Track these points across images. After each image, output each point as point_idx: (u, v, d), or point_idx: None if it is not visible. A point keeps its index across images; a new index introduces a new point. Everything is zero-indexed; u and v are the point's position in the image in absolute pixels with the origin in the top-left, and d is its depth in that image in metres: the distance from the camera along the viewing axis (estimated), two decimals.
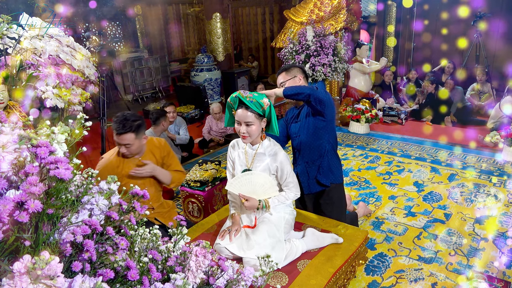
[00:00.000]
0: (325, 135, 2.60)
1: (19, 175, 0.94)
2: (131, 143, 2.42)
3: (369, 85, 6.86)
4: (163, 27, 10.52)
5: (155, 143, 2.66)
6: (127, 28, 9.62)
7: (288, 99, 2.57)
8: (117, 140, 2.41)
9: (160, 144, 2.68)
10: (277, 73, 2.75)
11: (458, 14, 7.51)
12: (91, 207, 1.02)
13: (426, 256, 2.90)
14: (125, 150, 2.45)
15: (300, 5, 6.49)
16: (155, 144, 2.66)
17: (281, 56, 5.61)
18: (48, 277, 0.79)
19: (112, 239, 1.03)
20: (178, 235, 1.25)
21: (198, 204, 3.48)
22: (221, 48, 8.08)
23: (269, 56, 10.84)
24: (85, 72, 2.51)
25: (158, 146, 2.66)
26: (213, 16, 7.80)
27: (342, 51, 5.39)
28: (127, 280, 1.01)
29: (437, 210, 3.55)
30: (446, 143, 5.23)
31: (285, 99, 2.55)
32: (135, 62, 8.78)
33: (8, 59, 2.32)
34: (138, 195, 1.14)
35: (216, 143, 5.69)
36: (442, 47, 8.05)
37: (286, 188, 2.33)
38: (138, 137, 2.45)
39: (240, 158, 2.36)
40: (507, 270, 2.71)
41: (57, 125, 1.09)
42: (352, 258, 2.34)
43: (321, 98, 2.42)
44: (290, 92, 2.43)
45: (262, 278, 1.25)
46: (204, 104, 7.46)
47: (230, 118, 2.30)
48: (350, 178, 4.31)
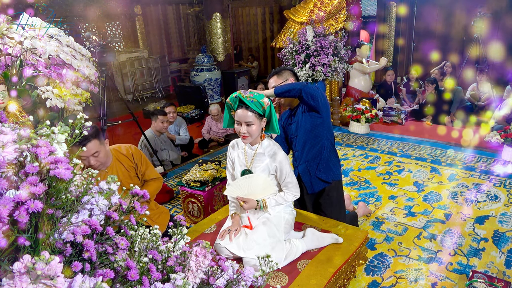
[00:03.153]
0: (323, 132, 2.61)
1: (19, 175, 0.94)
2: (99, 149, 2.29)
3: (369, 85, 6.86)
4: (163, 27, 10.52)
5: (122, 151, 2.52)
6: (127, 28, 9.62)
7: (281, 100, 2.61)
8: (84, 154, 2.25)
9: (128, 152, 2.53)
10: (268, 77, 2.76)
11: (458, 14, 7.52)
12: (91, 207, 1.02)
13: (426, 256, 2.90)
14: (95, 162, 2.29)
15: (300, 5, 6.49)
16: (123, 153, 2.52)
17: (281, 56, 5.61)
18: (48, 277, 0.79)
19: (112, 239, 1.03)
20: (178, 235, 1.25)
21: (198, 204, 3.48)
22: (221, 48, 8.08)
23: (269, 56, 10.84)
24: (85, 72, 2.51)
25: (126, 155, 2.52)
26: (213, 16, 7.80)
27: (342, 51, 5.39)
28: (127, 280, 1.01)
29: (437, 210, 3.55)
30: (446, 143, 5.23)
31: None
32: (135, 62, 8.78)
33: (8, 59, 2.32)
34: (138, 195, 1.14)
35: (216, 143, 5.69)
36: (442, 47, 8.05)
37: (285, 189, 2.33)
38: (101, 142, 2.33)
39: (239, 158, 2.36)
40: (507, 270, 2.71)
41: (57, 125, 1.09)
42: (352, 258, 2.34)
43: (312, 93, 2.43)
44: (281, 90, 2.45)
45: (262, 278, 1.25)
46: (204, 104, 7.46)
47: (229, 119, 2.30)
48: (350, 178, 4.31)
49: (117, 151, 2.51)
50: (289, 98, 2.60)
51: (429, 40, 8.34)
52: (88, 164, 2.29)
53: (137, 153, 2.56)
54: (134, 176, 2.56)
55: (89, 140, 2.22)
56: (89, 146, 2.23)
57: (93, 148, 2.25)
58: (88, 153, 2.25)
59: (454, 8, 7.69)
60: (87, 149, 2.22)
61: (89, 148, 2.23)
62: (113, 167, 2.46)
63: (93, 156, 2.28)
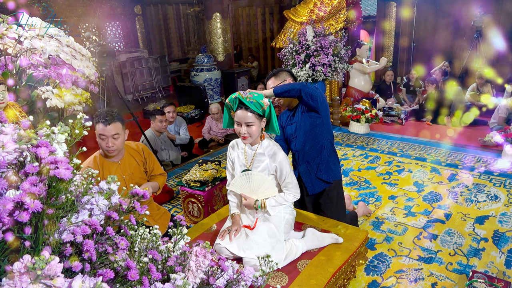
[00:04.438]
0: (323, 132, 2.61)
1: (19, 175, 0.94)
2: (120, 133, 2.36)
3: (369, 85, 6.86)
4: (163, 27, 10.52)
5: (133, 146, 2.62)
6: (127, 28, 9.62)
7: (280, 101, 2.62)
8: (104, 133, 2.32)
9: (138, 148, 2.63)
10: (266, 79, 2.76)
11: (458, 14, 7.52)
12: (91, 207, 1.02)
13: (426, 256, 2.90)
14: (112, 144, 2.36)
15: (300, 5, 6.49)
16: (134, 148, 2.61)
17: (281, 56, 5.61)
18: (48, 277, 0.79)
19: (112, 239, 1.03)
20: (178, 235, 1.25)
21: (198, 204, 3.48)
22: (221, 48, 8.08)
23: (269, 56, 10.84)
24: (85, 72, 2.51)
25: (136, 149, 2.61)
26: (213, 16, 7.80)
27: (342, 51, 5.39)
28: (127, 280, 1.01)
29: (437, 210, 3.55)
30: (446, 143, 5.23)
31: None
32: (135, 62, 8.78)
33: (8, 59, 2.32)
34: (138, 195, 1.14)
35: (216, 143, 5.69)
36: (442, 47, 8.05)
37: (285, 189, 2.33)
38: (123, 127, 2.41)
39: (239, 158, 2.36)
40: (507, 270, 2.71)
41: (57, 125, 1.09)
42: (352, 258, 2.34)
43: (312, 93, 2.44)
44: (281, 90, 2.45)
45: (262, 278, 1.25)
46: (204, 104, 7.46)
47: (228, 120, 2.30)
48: (350, 178, 4.31)
49: (128, 146, 2.59)
50: (289, 98, 2.60)
51: (429, 40, 8.34)
52: (105, 145, 2.36)
53: (146, 149, 2.66)
54: (143, 171, 2.64)
55: (114, 120, 2.32)
56: (113, 125, 2.32)
57: (115, 129, 2.33)
58: (109, 133, 2.33)
59: (454, 8, 7.69)
60: (110, 129, 2.32)
61: (112, 127, 2.32)
62: (125, 160, 2.53)
63: (112, 138, 2.35)
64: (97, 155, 2.50)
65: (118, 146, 2.40)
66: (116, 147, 2.39)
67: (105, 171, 2.45)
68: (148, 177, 2.68)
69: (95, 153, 2.51)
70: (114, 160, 2.49)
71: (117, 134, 2.36)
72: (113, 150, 2.40)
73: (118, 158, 2.51)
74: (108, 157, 2.47)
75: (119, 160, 2.51)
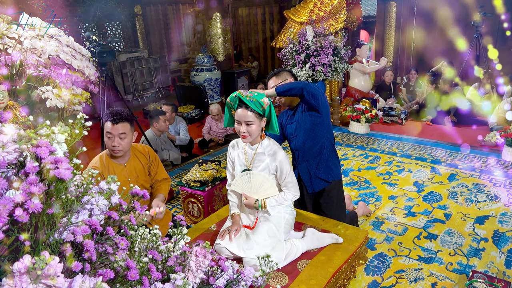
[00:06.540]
0: (323, 131, 2.61)
1: (19, 175, 0.94)
2: (127, 132, 2.34)
3: (369, 85, 6.86)
4: (163, 27, 10.52)
5: (139, 148, 2.59)
6: (127, 28, 9.62)
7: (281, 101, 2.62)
8: (111, 131, 2.30)
9: (144, 150, 2.60)
10: (267, 78, 2.76)
11: (459, 14, 7.52)
12: (91, 207, 1.02)
13: (426, 256, 2.90)
14: (118, 144, 2.33)
15: (300, 5, 6.48)
16: (140, 150, 2.59)
17: (281, 56, 5.61)
18: (48, 277, 0.79)
19: (112, 239, 1.03)
20: (178, 235, 1.25)
21: (198, 204, 3.48)
22: (221, 48, 8.07)
23: (269, 56, 10.84)
24: (85, 72, 2.51)
25: (142, 152, 2.59)
26: (213, 16, 7.80)
27: (342, 51, 5.39)
28: (127, 280, 1.01)
29: (437, 210, 3.55)
30: (446, 143, 5.23)
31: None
32: (135, 62, 8.78)
33: (8, 59, 2.32)
34: (138, 195, 1.14)
35: (216, 143, 5.69)
36: (442, 47, 8.05)
37: (285, 188, 2.33)
38: (131, 128, 2.38)
39: (239, 158, 2.36)
40: (507, 270, 2.71)
41: (57, 125, 1.09)
42: (352, 258, 2.34)
43: (314, 92, 2.44)
44: (283, 89, 2.46)
45: (262, 278, 1.25)
46: (204, 104, 7.46)
47: (229, 119, 2.30)
48: (350, 178, 4.31)
49: (134, 148, 2.57)
50: (290, 97, 2.60)
51: (429, 40, 8.34)
52: (111, 144, 2.33)
53: (151, 152, 2.64)
54: (148, 174, 2.61)
55: (122, 120, 2.30)
56: (121, 125, 2.30)
57: (122, 128, 2.31)
58: (116, 131, 2.31)
59: (455, 7, 7.69)
60: (118, 128, 2.30)
61: (119, 126, 2.30)
62: (131, 162, 2.51)
63: (119, 137, 2.33)
64: (103, 155, 2.46)
65: (124, 146, 2.36)
66: (121, 147, 2.35)
67: (110, 172, 2.42)
68: (151, 181, 2.63)
69: (101, 152, 2.48)
70: (120, 161, 2.46)
71: (124, 134, 2.32)
72: (119, 150, 2.36)
73: (124, 160, 2.47)
74: (114, 157, 2.44)
75: (125, 162, 2.47)
